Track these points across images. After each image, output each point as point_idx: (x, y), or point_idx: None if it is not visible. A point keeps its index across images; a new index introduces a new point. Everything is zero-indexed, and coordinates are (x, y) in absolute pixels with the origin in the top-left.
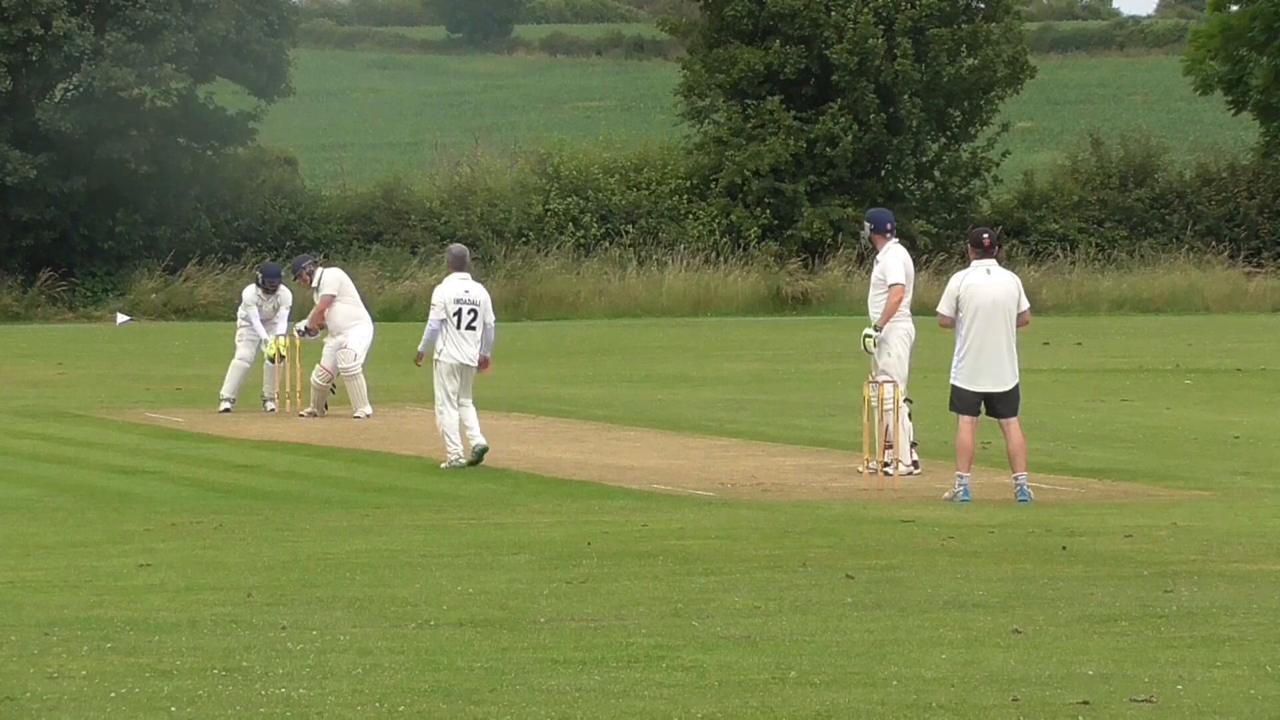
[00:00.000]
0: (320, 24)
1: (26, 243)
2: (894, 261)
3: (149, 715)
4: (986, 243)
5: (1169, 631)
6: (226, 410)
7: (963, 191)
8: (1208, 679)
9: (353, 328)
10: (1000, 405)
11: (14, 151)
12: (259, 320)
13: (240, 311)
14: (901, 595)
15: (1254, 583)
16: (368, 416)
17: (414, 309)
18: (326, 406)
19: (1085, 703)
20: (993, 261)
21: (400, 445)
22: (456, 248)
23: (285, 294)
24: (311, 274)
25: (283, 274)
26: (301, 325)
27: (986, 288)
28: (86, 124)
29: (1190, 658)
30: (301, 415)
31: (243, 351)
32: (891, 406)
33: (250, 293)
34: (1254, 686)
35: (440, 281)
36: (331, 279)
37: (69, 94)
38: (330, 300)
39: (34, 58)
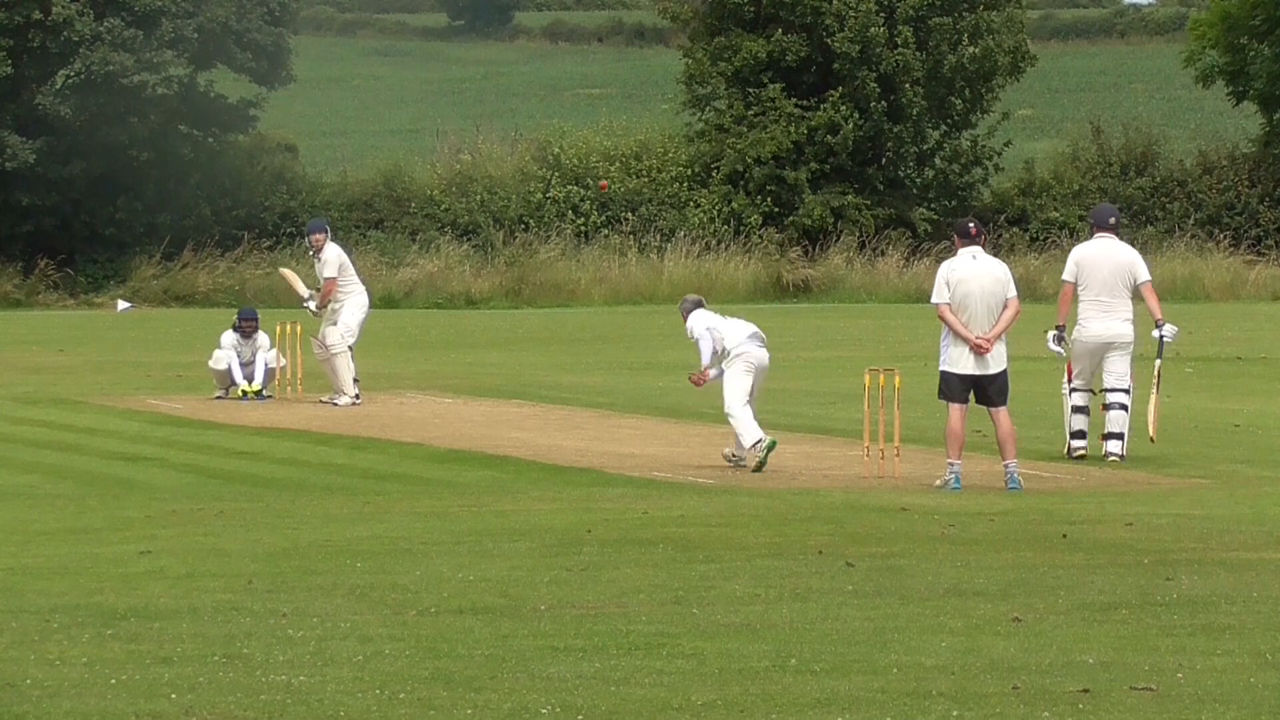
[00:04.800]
0: (321, 11)
1: (27, 229)
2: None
3: (149, 702)
4: (973, 232)
5: (1169, 619)
6: (221, 397)
7: (964, 179)
8: (1208, 667)
9: (349, 298)
10: (990, 390)
11: (14, 137)
12: (238, 367)
13: (217, 355)
14: (902, 583)
15: (1254, 571)
16: (353, 403)
17: (414, 296)
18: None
19: (1085, 690)
20: (979, 248)
21: (401, 432)
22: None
23: (263, 338)
24: (320, 245)
25: (259, 317)
26: (312, 305)
27: (974, 274)
28: (87, 110)
29: (1191, 646)
30: (323, 401)
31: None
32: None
33: (227, 338)
34: (1254, 674)
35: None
36: (333, 258)
37: (69, 80)
38: (334, 284)
39: (34, 43)
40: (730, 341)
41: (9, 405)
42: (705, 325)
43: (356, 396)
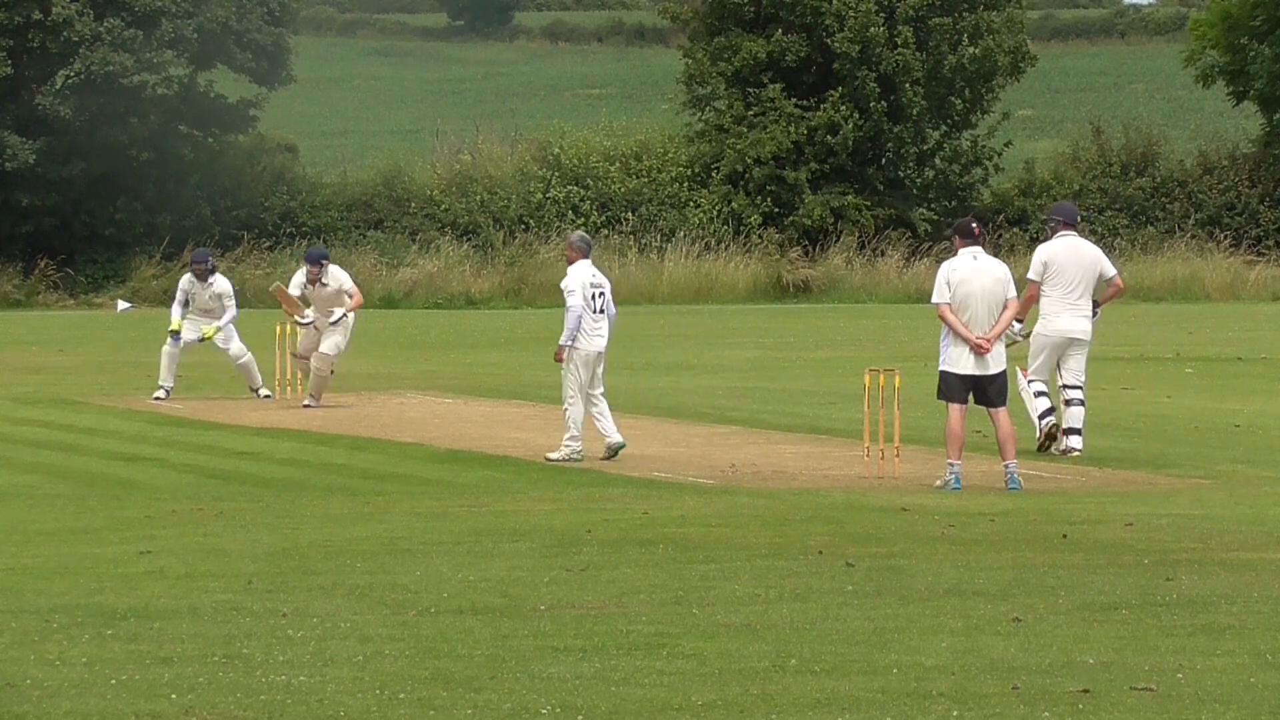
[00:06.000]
0: (321, 11)
1: (27, 229)
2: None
3: (149, 702)
4: (974, 232)
5: (1169, 620)
6: (160, 399)
7: (963, 180)
8: (1208, 667)
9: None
10: (989, 391)
11: (14, 137)
12: (178, 305)
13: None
14: (902, 583)
15: (1255, 571)
16: (307, 405)
17: (414, 296)
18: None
19: (1085, 691)
20: (979, 249)
21: (401, 432)
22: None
23: (222, 283)
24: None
25: (212, 261)
26: (309, 318)
27: (974, 274)
28: (87, 110)
29: (1191, 646)
30: (305, 405)
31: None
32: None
33: (184, 280)
34: (1254, 675)
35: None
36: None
37: (69, 80)
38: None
39: (34, 43)
40: (585, 323)
41: (9, 405)
42: (579, 289)
43: (309, 404)
